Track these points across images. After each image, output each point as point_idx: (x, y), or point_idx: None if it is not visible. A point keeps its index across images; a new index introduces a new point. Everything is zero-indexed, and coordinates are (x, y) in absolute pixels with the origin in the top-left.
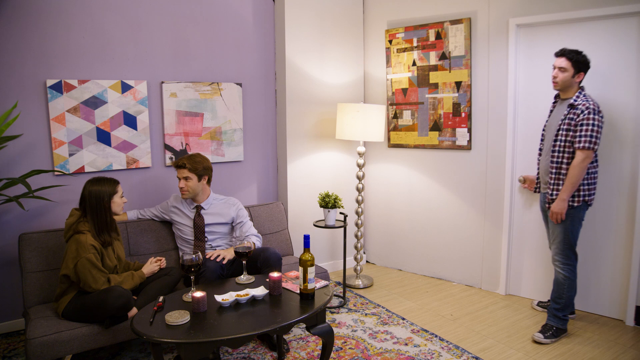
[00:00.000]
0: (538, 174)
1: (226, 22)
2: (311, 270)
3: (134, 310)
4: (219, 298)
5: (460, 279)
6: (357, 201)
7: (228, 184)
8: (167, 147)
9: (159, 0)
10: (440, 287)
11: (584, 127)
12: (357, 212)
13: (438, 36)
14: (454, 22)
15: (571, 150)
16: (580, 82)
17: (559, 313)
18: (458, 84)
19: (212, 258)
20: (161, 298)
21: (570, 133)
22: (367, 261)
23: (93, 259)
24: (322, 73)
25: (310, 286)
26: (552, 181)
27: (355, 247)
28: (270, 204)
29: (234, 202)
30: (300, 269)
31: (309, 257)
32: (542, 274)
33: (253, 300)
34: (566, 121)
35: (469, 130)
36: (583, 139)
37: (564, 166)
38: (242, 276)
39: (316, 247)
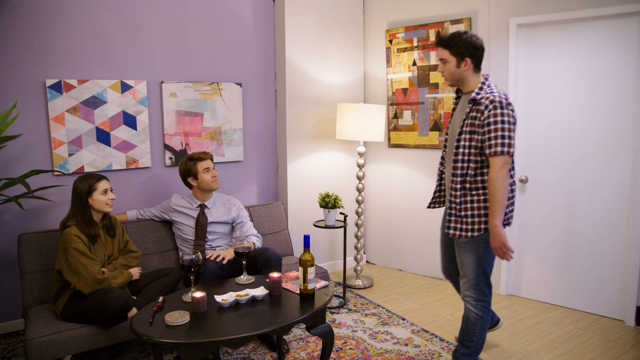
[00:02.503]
0: (439, 186)
1: (226, 22)
2: (311, 271)
3: (134, 311)
4: (218, 298)
5: None
6: (357, 201)
7: (228, 184)
8: (167, 147)
9: (159, 0)
10: (441, 287)
11: (492, 127)
12: (357, 212)
13: (438, 36)
14: (454, 22)
15: (478, 159)
16: (478, 70)
17: (468, 358)
18: None
19: (212, 258)
20: (161, 298)
21: (476, 136)
22: (367, 261)
23: (81, 248)
24: (322, 73)
25: (310, 286)
26: (459, 199)
27: (355, 247)
28: (270, 204)
29: (235, 202)
30: (300, 269)
31: (309, 257)
32: (543, 274)
33: (253, 300)
34: (468, 121)
35: None
36: (494, 141)
37: (469, 179)
38: (242, 276)
39: (316, 247)
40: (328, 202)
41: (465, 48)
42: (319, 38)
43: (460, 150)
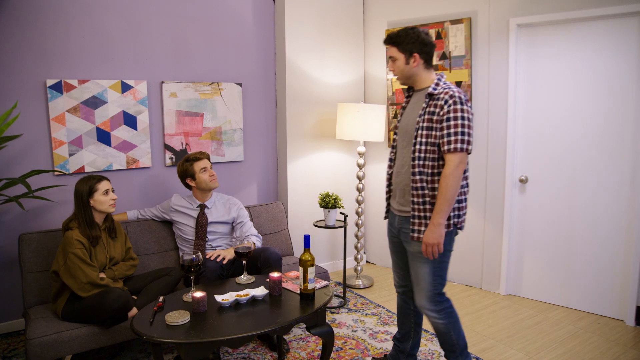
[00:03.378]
0: (388, 192)
1: (226, 22)
2: (311, 271)
3: (134, 311)
4: (219, 298)
5: (460, 279)
6: (358, 201)
7: (228, 184)
8: (167, 147)
9: (159, 0)
10: None
11: (452, 123)
12: (357, 212)
13: (438, 36)
14: (455, 22)
15: (435, 156)
16: (429, 66)
17: (460, 358)
18: (458, 84)
19: (212, 258)
20: (161, 298)
21: (434, 133)
22: (367, 261)
23: (80, 254)
24: (322, 73)
25: (310, 286)
26: (420, 199)
27: (356, 247)
28: (270, 204)
29: (235, 202)
30: (301, 269)
31: (309, 257)
32: (543, 274)
33: (253, 300)
34: (426, 117)
35: None
36: (453, 137)
37: (429, 178)
38: (242, 276)
39: (316, 247)
40: (328, 202)
41: (412, 44)
42: (319, 38)
43: (417, 147)
